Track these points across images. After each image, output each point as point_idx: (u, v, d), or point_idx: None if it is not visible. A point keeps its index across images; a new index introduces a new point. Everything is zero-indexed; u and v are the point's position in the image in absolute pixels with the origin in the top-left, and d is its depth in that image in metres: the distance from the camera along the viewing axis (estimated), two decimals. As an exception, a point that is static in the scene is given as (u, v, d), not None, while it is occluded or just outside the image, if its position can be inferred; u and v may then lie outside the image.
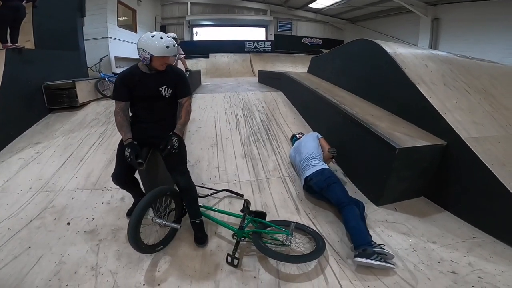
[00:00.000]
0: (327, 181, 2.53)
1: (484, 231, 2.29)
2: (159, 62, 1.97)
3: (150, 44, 1.90)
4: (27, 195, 2.91)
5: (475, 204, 2.40)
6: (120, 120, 2.04)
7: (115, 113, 2.06)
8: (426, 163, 2.62)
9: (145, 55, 1.92)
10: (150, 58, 1.93)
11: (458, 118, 2.67)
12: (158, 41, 1.91)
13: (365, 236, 2.04)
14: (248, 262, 2.03)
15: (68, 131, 4.26)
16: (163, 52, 1.92)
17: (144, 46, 1.91)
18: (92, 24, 8.14)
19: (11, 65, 4.26)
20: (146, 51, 1.90)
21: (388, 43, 3.63)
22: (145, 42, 1.91)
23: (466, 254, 2.07)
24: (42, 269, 1.96)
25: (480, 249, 2.12)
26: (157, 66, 1.99)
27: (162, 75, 2.06)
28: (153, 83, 2.05)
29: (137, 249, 1.92)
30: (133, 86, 2.02)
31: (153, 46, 1.90)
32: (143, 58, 1.94)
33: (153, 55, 1.92)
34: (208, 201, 2.71)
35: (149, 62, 1.96)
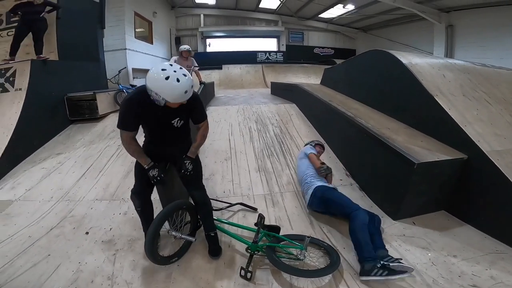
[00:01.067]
0: (323, 201, 2.55)
1: (508, 244, 2.21)
2: (175, 105, 1.73)
3: (165, 89, 1.61)
4: (48, 204, 3.01)
5: (498, 217, 2.32)
6: (134, 148, 1.89)
7: (126, 143, 1.86)
8: (446, 177, 2.55)
9: (159, 99, 1.64)
10: (164, 103, 1.67)
11: (479, 130, 2.59)
12: (175, 86, 1.61)
13: (363, 252, 2.01)
14: (261, 275, 2.02)
15: (89, 142, 4.41)
16: (180, 98, 1.67)
17: (157, 90, 1.61)
18: (111, 35, 8.33)
19: (35, 76, 4.45)
20: (160, 96, 1.62)
21: (403, 53, 3.60)
22: (158, 85, 1.61)
23: (488, 268, 2.00)
24: (60, 277, 2.00)
25: (503, 262, 2.05)
26: (172, 105, 1.73)
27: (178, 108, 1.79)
28: (165, 116, 1.84)
29: (153, 260, 1.94)
30: (143, 116, 1.81)
31: (169, 93, 1.62)
32: (156, 100, 1.66)
33: (167, 101, 1.66)
34: (222, 215, 2.72)
35: (164, 104, 1.69)
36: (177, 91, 1.63)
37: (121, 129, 1.84)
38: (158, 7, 12.40)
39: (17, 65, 4.51)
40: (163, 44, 13.27)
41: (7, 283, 1.94)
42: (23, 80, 4.34)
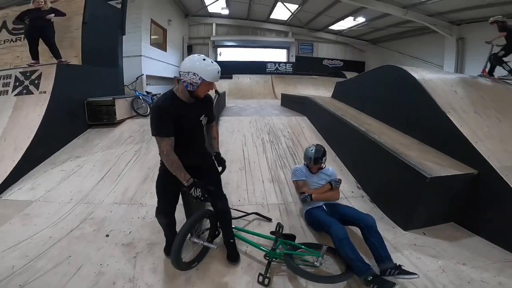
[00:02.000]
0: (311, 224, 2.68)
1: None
2: (205, 88, 1.84)
3: (203, 68, 1.74)
4: (67, 206, 3.10)
5: (506, 229, 2.38)
6: (175, 159, 1.81)
7: (167, 153, 1.80)
8: (456, 190, 2.63)
9: (196, 80, 1.74)
10: (199, 84, 1.77)
11: (489, 147, 2.67)
12: (211, 65, 1.77)
13: (352, 268, 2.04)
14: (278, 281, 2.07)
15: (106, 147, 4.54)
16: (215, 77, 1.80)
17: (196, 70, 1.73)
18: (127, 42, 8.35)
19: (60, 80, 4.57)
20: (198, 75, 1.73)
21: (416, 69, 3.69)
22: (196, 65, 1.74)
23: (496, 275, 2.07)
24: (82, 279, 2.04)
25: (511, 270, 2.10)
26: (200, 93, 1.85)
27: (201, 103, 1.94)
28: (195, 113, 1.93)
29: (177, 267, 2.00)
30: (178, 118, 1.81)
31: (207, 71, 1.75)
32: (192, 83, 1.76)
33: (204, 80, 1.77)
34: (238, 223, 2.79)
35: (196, 88, 1.80)
36: (213, 70, 1.79)
37: (160, 136, 1.79)
38: (173, 15, 12.78)
39: (43, 68, 4.66)
40: (176, 52, 13.60)
41: (28, 283, 1.96)
42: (48, 83, 4.48)
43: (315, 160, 2.75)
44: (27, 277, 2.03)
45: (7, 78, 4.70)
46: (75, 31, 5.45)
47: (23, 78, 4.61)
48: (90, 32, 5.56)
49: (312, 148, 2.84)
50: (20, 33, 5.61)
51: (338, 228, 2.21)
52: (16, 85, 4.58)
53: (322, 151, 2.81)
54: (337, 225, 2.25)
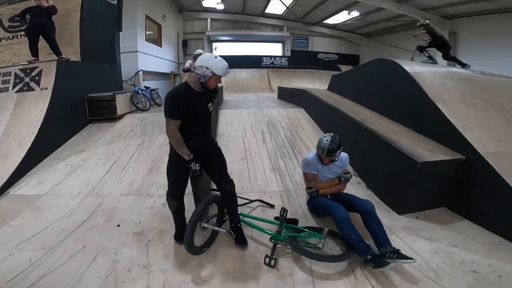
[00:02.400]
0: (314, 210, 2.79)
1: (504, 237, 2.43)
2: (215, 81, 2.10)
3: (214, 64, 2.03)
4: (76, 198, 3.19)
5: (494, 212, 2.55)
6: (178, 137, 2.08)
7: (173, 131, 2.07)
8: (446, 175, 2.81)
9: (207, 73, 2.02)
10: (210, 76, 2.05)
11: (476, 134, 2.85)
12: (221, 62, 2.06)
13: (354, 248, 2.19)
14: (284, 262, 2.21)
15: (109, 141, 4.62)
16: (223, 72, 2.08)
17: (207, 65, 2.02)
18: (123, 38, 8.34)
19: (60, 76, 4.64)
20: (209, 69, 2.02)
21: (408, 62, 3.85)
22: (209, 61, 2.04)
23: (486, 257, 2.21)
24: (99, 267, 2.13)
25: (500, 252, 2.26)
26: (210, 85, 2.11)
27: (210, 93, 2.21)
28: (204, 101, 2.19)
29: (190, 251, 2.14)
30: (190, 105, 2.08)
31: (217, 66, 2.04)
32: (204, 75, 2.04)
33: (214, 74, 2.04)
34: (242, 210, 2.91)
35: (207, 81, 2.06)
36: (222, 65, 2.07)
37: (170, 118, 2.07)
38: (167, 11, 12.73)
39: (43, 65, 4.71)
40: (171, 47, 13.55)
41: (47, 274, 2.05)
42: (49, 80, 4.53)
43: (328, 152, 2.59)
44: (45, 268, 2.11)
45: (6, 75, 4.72)
46: (74, 28, 5.47)
47: (23, 75, 4.65)
48: (88, 29, 5.59)
49: (327, 138, 2.64)
50: (17, 30, 5.61)
51: (340, 210, 2.33)
52: (17, 82, 4.61)
53: (337, 143, 2.62)
54: (339, 207, 2.37)
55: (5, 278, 2.00)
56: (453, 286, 1.94)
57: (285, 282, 2.02)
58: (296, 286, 1.99)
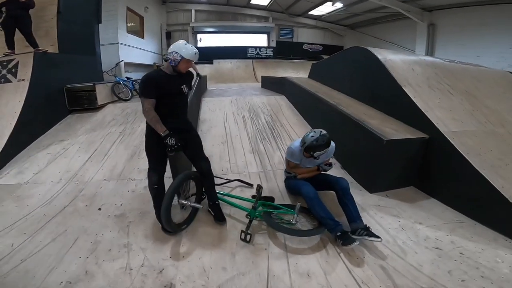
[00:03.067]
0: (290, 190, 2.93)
1: (466, 214, 2.60)
2: (184, 65, 2.25)
3: (183, 49, 2.19)
4: (57, 185, 3.21)
5: (456, 190, 2.73)
6: (155, 115, 2.21)
7: (148, 109, 2.20)
8: (411, 153, 3.00)
9: (177, 57, 2.19)
10: (180, 60, 2.20)
11: (439, 115, 3.05)
12: (189, 47, 2.22)
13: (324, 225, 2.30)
14: (259, 238, 2.33)
15: (90, 130, 4.63)
16: (192, 56, 2.22)
17: (177, 49, 2.19)
18: (104, 30, 8.26)
19: (38, 68, 4.63)
20: (178, 54, 2.18)
21: (380, 50, 4.02)
22: (179, 46, 2.21)
23: (449, 234, 2.35)
24: (80, 249, 2.18)
25: (462, 230, 2.41)
26: (181, 69, 2.25)
27: (182, 76, 2.34)
28: (176, 83, 2.32)
29: (168, 227, 2.22)
30: (161, 85, 2.23)
31: (185, 51, 2.19)
32: (173, 59, 2.20)
33: (183, 58, 2.19)
34: (222, 189, 3.03)
35: (177, 64, 2.22)
36: (190, 50, 2.22)
37: (144, 97, 2.22)
38: (149, 2, 12.46)
39: (20, 57, 4.66)
40: (154, 39, 13.32)
41: (29, 257, 2.08)
42: (26, 71, 4.50)
43: (307, 148, 2.54)
44: (27, 251, 2.15)
45: (-17, 68, 4.61)
46: (51, 21, 5.40)
47: (0, 67, 4.58)
48: (65, 21, 5.56)
49: (312, 134, 2.55)
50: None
51: (308, 189, 2.44)
52: (-7, 74, 4.52)
53: (322, 142, 2.50)
54: (307, 187, 2.48)
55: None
56: (417, 261, 2.05)
57: (260, 256, 2.13)
58: (270, 260, 2.09)
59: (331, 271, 1.99)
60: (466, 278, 1.89)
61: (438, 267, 1.99)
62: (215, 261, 2.08)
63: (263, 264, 2.06)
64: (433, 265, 2.02)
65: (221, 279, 1.93)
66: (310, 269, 2.01)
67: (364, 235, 2.18)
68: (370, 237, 2.17)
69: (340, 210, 2.48)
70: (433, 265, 2.02)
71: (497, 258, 2.08)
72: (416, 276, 1.93)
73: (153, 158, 2.38)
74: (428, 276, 1.92)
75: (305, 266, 2.05)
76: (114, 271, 1.98)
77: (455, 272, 1.94)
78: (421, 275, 1.93)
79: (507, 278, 1.89)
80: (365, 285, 1.86)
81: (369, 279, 1.91)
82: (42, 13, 5.35)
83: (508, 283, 1.86)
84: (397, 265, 2.02)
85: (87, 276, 1.93)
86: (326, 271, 1.99)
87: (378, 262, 2.06)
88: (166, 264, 2.05)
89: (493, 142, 2.92)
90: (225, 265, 2.05)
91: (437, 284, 1.85)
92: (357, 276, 1.94)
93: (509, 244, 2.23)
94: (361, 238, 2.18)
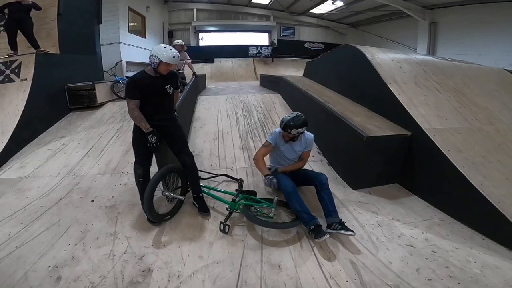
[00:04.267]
0: None
1: (445, 212, 2.61)
2: (164, 67, 2.38)
3: (161, 53, 2.33)
4: (55, 179, 3.39)
5: (437, 187, 2.73)
6: (139, 114, 2.38)
7: (132, 109, 2.37)
8: (393, 150, 3.03)
9: (156, 60, 2.34)
10: (158, 63, 2.34)
11: (422, 112, 3.07)
12: (167, 51, 2.35)
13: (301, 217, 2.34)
14: (238, 230, 2.43)
15: (89, 127, 4.81)
16: (169, 60, 2.36)
17: (155, 53, 2.34)
18: (106, 30, 8.53)
19: (40, 68, 4.81)
20: (157, 57, 2.33)
21: (369, 48, 4.06)
22: (158, 50, 2.36)
23: (424, 231, 2.36)
24: (70, 237, 2.35)
25: (439, 228, 2.41)
26: (162, 70, 2.39)
27: (165, 77, 2.47)
28: (159, 84, 2.45)
29: (150, 216, 2.36)
30: (144, 87, 2.37)
31: (164, 54, 2.33)
32: (153, 62, 2.36)
33: (161, 61, 2.33)
34: (209, 183, 3.15)
35: (156, 67, 2.36)
36: (169, 54, 2.35)
37: (128, 98, 2.39)
38: (151, 2, 12.59)
39: (22, 58, 4.85)
40: (156, 38, 13.46)
41: (23, 245, 2.24)
42: (28, 71, 4.68)
43: (284, 126, 2.67)
44: (22, 239, 2.32)
45: (-12, 69, 4.80)
46: (51, 22, 5.57)
47: (4, 68, 4.77)
48: (66, 22, 5.72)
49: (290, 115, 2.74)
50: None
51: (286, 183, 2.51)
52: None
53: (298, 122, 2.65)
54: (286, 180, 2.56)
55: (-13, 250, 2.18)
56: (387, 258, 2.06)
57: (236, 246, 2.22)
58: (245, 250, 2.19)
59: (302, 264, 2.05)
60: (433, 277, 1.88)
61: (407, 265, 2.00)
62: (193, 250, 2.19)
63: (238, 254, 2.15)
64: (403, 262, 2.03)
65: (196, 266, 2.03)
66: (282, 261, 2.08)
67: (338, 229, 2.23)
68: (344, 231, 2.22)
69: (319, 205, 2.53)
70: (403, 262, 2.03)
71: (470, 258, 2.07)
72: (384, 273, 1.94)
73: (139, 153, 2.52)
74: (396, 273, 1.93)
75: (277, 258, 2.11)
76: (98, 257, 2.12)
77: (423, 271, 1.94)
78: (389, 272, 1.95)
79: (476, 279, 1.86)
80: (332, 279, 1.90)
81: (337, 273, 1.95)
82: (43, 15, 5.52)
83: (476, 284, 1.82)
84: (367, 261, 2.05)
85: (73, 261, 2.08)
86: (297, 264, 2.05)
87: (349, 257, 2.10)
88: (147, 252, 2.18)
89: (478, 139, 2.89)
90: (201, 254, 2.15)
91: (402, 282, 1.86)
92: (326, 270, 1.99)
93: (485, 243, 2.22)
94: (335, 232, 2.23)
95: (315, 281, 1.89)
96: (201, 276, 1.94)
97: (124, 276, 1.93)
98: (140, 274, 1.95)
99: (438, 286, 1.82)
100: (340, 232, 2.22)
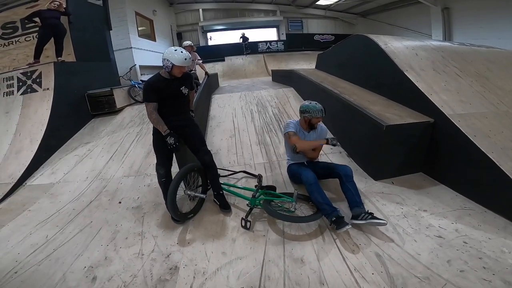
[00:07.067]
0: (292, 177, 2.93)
1: (475, 201, 2.46)
2: (177, 70, 2.45)
3: (173, 56, 2.41)
4: (85, 183, 3.58)
5: (465, 175, 2.59)
6: (156, 117, 2.46)
7: (150, 112, 2.46)
8: (415, 138, 2.93)
9: (168, 64, 2.42)
10: (171, 66, 2.42)
11: (444, 98, 2.94)
12: (179, 54, 2.42)
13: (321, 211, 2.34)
14: (259, 225, 2.45)
15: (111, 132, 5.00)
16: (182, 62, 2.42)
17: (168, 57, 2.41)
18: (117, 36, 8.68)
19: (59, 77, 4.98)
20: (170, 61, 2.41)
21: (381, 37, 3.96)
22: (169, 54, 2.43)
23: (454, 222, 2.23)
24: (102, 237, 2.49)
25: (470, 217, 2.27)
26: (176, 73, 2.47)
27: (180, 79, 2.55)
28: (175, 86, 2.54)
29: (174, 215, 2.44)
30: (161, 89, 2.46)
31: (175, 57, 2.41)
32: (166, 66, 2.44)
33: (174, 64, 2.41)
34: (228, 180, 3.21)
35: (170, 70, 2.45)
36: (180, 57, 2.42)
37: (146, 102, 2.48)
38: (157, 5, 12.77)
39: (41, 67, 5.03)
40: (165, 41, 13.66)
41: (60, 247, 2.40)
42: (49, 81, 4.87)
43: (302, 111, 2.75)
44: (59, 242, 2.48)
45: (9, 80, 5.05)
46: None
47: (25, 78, 4.98)
48: (77, 30, 5.89)
49: (309, 101, 2.80)
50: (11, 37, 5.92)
51: (308, 175, 2.50)
52: (20, 85, 4.94)
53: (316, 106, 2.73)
54: (307, 172, 2.55)
55: (26, 252, 2.38)
56: (415, 250, 1.98)
57: (258, 242, 2.24)
58: (267, 245, 2.20)
59: (325, 257, 2.04)
60: (465, 269, 1.79)
61: (437, 256, 1.91)
62: (216, 247, 2.25)
63: (260, 250, 2.17)
64: (432, 254, 1.94)
65: (220, 262, 2.08)
66: (305, 255, 2.07)
67: (368, 219, 2.17)
68: (375, 220, 2.16)
69: (342, 198, 2.50)
70: (432, 254, 1.94)
71: (504, 248, 1.94)
72: (412, 264, 1.87)
73: (160, 154, 2.62)
74: (425, 265, 1.86)
75: (300, 251, 2.12)
76: (128, 256, 2.22)
77: (455, 262, 1.85)
78: (418, 264, 1.87)
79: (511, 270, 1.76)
80: (357, 272, 1.86)
81: (362, 266, 1.91)
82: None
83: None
84: (393, 253, 1.98)
85: (106, 261, 2.19)
86: (320, 257, 2.04)
87: (374, 249, 2.05)
88: (173, 250, 2.26)
89: (506, 123, 2.71)
90: (225, 250, 2.20)
91: (433, 273, 1.78)
92: (350, 263, 1.95)
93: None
94: (365, 222, 2.18)
95: (339, 274, 1.87)
96: (225, 272, 1.98)
97: (153, 274, 2.01)
98: (167, 272, 2.02)
99: (472, 277, 1.73)
100: (371, 221, 2.17)
